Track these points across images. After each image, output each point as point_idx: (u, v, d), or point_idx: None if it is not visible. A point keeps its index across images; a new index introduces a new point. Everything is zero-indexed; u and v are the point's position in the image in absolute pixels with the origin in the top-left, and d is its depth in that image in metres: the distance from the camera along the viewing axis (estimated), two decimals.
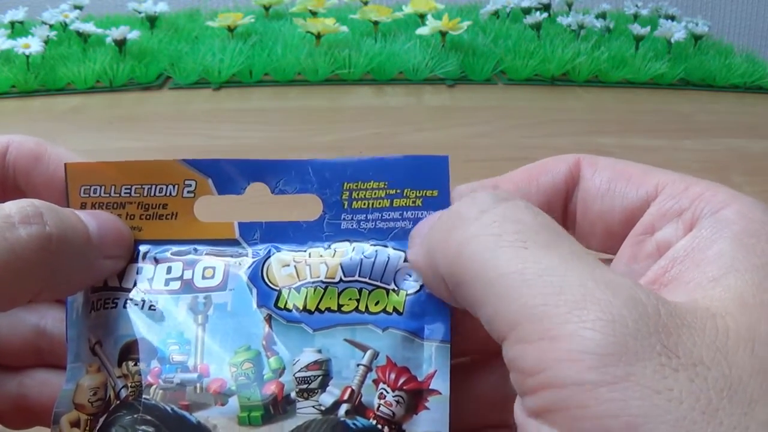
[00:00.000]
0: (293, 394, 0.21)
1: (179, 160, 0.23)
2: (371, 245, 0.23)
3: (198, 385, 0.21)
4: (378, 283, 0.23)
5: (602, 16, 1.01)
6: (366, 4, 1.03)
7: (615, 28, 0.97)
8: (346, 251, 0.23)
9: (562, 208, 0.23)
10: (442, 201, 0.23)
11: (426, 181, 0.23)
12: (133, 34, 0.86)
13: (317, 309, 0.22)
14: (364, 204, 0.23)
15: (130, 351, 0.22)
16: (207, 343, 0.22)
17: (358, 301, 0.22)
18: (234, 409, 0.21)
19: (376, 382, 0.22)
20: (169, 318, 0.22)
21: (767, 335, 0.16)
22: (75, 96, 0.80)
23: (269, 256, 0.23)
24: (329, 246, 0.23)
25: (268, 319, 0.22)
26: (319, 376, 0.22)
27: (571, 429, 0.16)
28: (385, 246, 0.23)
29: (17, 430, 0.25)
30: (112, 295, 0.23)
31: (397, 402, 0.22)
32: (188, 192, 0.23)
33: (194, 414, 0.21)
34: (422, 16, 0.94)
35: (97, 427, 0.22)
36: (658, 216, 0.21)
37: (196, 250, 0.24)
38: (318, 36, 0.88)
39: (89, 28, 0.88)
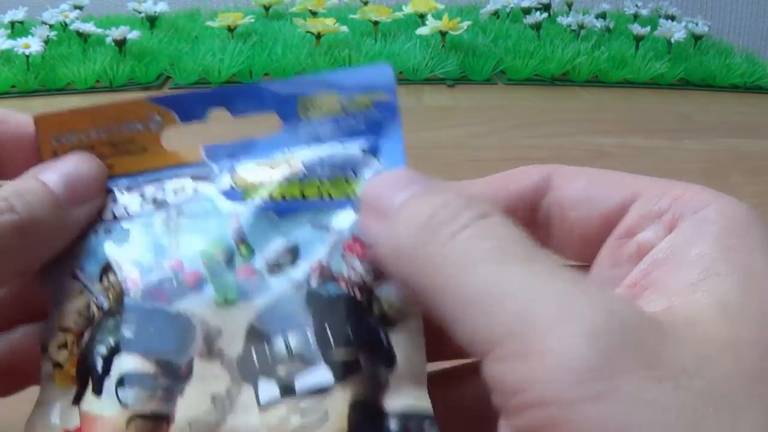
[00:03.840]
0: (265, 274, 0.23)
1: (146, 98, 0.25)
2: (330, 146, 0.25)
3: (174, 280, 0.23)
4: (338, 174, 0.24)
5: (602, 16, 1.01)
6: (366, 4, 1.03)
7: (615, 28, 0.97)
8: (307, 154, 0.24)
9: (528, 217, 0.23)
10: (391, 105, 0.25)
11: (374, 87, 0.25)
12: (133, 34, 0.86)
13: (282, 198, 0.24)
14: (320, 113, 0.25)
15: (110, 268, 0.23)
16: (181, 244, 0.23)
17: (319, 188, 0.24)
18: (210, 295, 0.22)
19: (344, 257, 0.23)
20: (146, 235, 0.24)
21: (750, 340, 0.16)
22: (75, 96, 0.80)
23: (234, 168, 0.25)
24: (291, 153, 0.25)
25: (236, 217, 0.23)
26: (288, 259, 0.23)
27: None
28: (343, 144, 0.25)
29: (8, 395, 0.25)
30: (91, 227, 0.24)
31: (366, 271, 0.22)
32: (154, 125, 0.25)
33: (173, 305, 0.22)
34: (422, 16, 0.94)
35: (84, 341, 0.22)
36: (638, 218, 0.21)
37: (166, 174, 0.25)
38: (318, 36, 0.88)
39: (89, 28, 0.88)
